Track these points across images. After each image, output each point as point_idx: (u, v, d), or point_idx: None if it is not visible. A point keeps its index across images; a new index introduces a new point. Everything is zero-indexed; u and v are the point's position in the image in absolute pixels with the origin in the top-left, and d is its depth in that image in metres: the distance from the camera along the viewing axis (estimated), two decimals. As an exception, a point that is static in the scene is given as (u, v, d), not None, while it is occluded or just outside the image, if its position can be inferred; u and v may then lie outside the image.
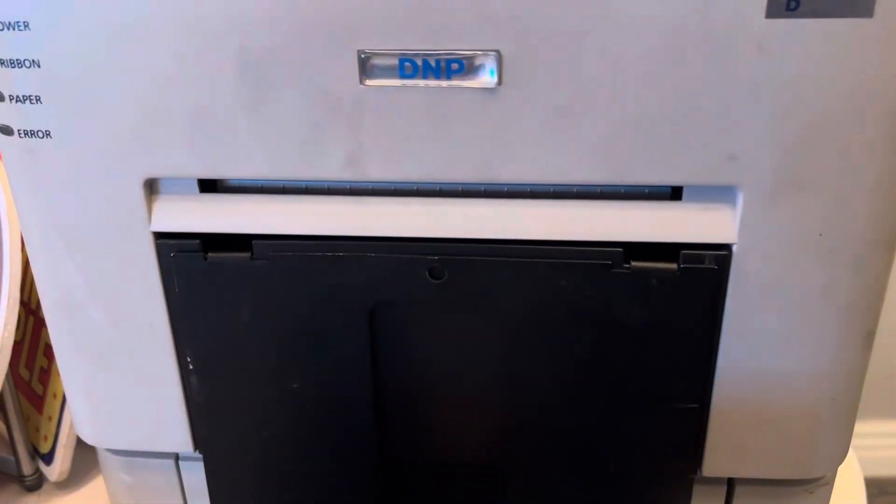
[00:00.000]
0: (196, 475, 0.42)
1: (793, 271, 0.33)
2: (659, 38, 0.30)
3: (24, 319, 0.54)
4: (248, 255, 0.35)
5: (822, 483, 0.39)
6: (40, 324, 0.54)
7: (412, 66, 0.31)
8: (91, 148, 0.34)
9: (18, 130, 0.34)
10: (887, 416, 1.24)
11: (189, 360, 0.38)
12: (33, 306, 0.54)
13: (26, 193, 0.35)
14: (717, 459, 0.37)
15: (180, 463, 0.42)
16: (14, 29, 0.32)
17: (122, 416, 0.40)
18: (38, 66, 0.32)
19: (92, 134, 0.33)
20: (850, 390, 0.36)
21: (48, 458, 0.53)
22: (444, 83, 0.31)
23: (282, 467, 0.40)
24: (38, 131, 0.34)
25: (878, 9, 0.28)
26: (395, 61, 0.31)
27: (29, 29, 0.32)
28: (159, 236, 0.35)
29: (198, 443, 0.40)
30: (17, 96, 0.33)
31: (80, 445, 0.51)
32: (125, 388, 0.39)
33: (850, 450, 0.41)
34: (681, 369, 0.35)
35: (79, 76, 0.32)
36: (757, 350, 0.35)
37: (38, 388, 0.54)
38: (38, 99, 0.33)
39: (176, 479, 0.43)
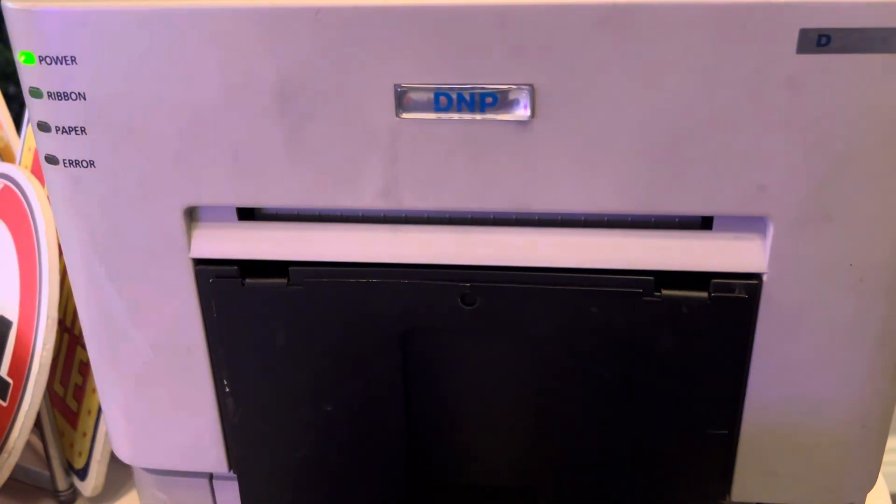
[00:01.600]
0: (229, 494, 0.43)
1: (823, 301, 0.33)
2: (691, 72, 0.30)
3: (59, 336, 0.55)
4: (284, 281, 0.36)
5: (851, 509, 0.40)
6: (75, 341, 0.55)
7: (447, 99, 0.31)
8: (133, 177, 0.35)
9: (63, 160, 0.35)
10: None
11: (225, 382, 0.39)
12: (68, 324, 0.56)
13: (70, 220, 0.36)
14: (747, 485, 0.38)
15: (214, 482, 0.43)
16: (62, 63, 0.33)
17: (159, 436, 0.40)
18: (84, 99, 0.33)
19: (134, 164, 0.34)
20: (880, 417, 0.36)
21: (82, 474, 0.54)
22: (478, 116, 0.32)
23: (314, 488, 0.41)
24: (82, 161, 0.35)
25: (909, 45, 0.29)
26: (431, 95, 0.31)
27: (76, 63, 0.33)
28: (198, 262, 0.36)
29: (232, 463, 0.41)
30: (64, 127, 0.34)
31: (114, 461, 0.52)
32: (163, 410, 0.40)
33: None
34: (711, 396, 0.36)
35: (123, 108, 0.33)
36: (787, 377, 0.35)
37: (73, 405, 0.55)
38: (83, 130, 0.34)
39: (210, 498, 0.43)
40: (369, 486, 0.40)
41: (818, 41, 0.29)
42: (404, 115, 0.32)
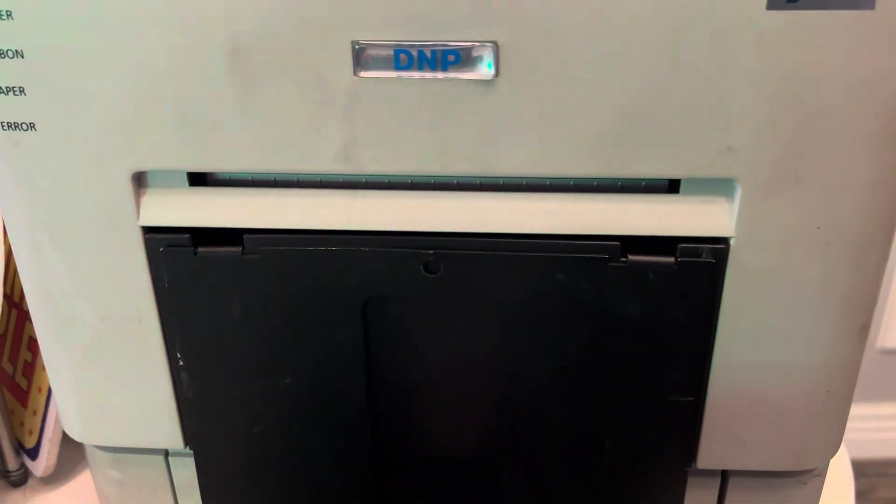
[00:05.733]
0: (186, 471, 0.41)
1: (790, 264, 0.33)
2: (658, 30, 0.29)
3: (7, 312, 0.54)
4: (238, 249, 0.35)
5: (815, 474, 0.40)
6: (24, 316, 0.53)
7: (408, 57, 0.30)
8: (77, 140, 0.33)
9: (2, 123, 0.33)
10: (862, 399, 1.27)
11: (179, 355, 0.37)
12: (16, 299, 0.54)
13: (10, 187, 0.35)
14: (712, 452, 0.37)
15: (170, 459, 0.42)
16: (-4, 18, 0.31)
17: (110, 412, 0.39)
18: (22, 57, 0.31)
19: (78, 126, 0.32)
20: (845, 382, 0.36)
21: (33, 453, 0.52)
22: (440, 75, 0.30)
23: (274, 463, 0.40)
24: (22, 123, 0.33)
25: (880, 2, 0.28)
26: (391, 52, 0.30)
27: (12, 18, 0.31)
28: (148, 231, 0.35)
29: (188, 439, 0.39)
30: (1, 87, 0.32)
31: (66, 440, 0.50)
32: (113, 385, 0.38)
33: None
34: (677, 362, 0.35)
35: (64, 67, 0.31)
36: (753, 343, 0.35)
37: (23, 383, 0.53)
38: (21, 90, 0.32)
39: (166, 476, 0.42)
40: (331, 461, 0.39)
41: (789, -3, 0.28)
42: (363, 74, 0.31)
